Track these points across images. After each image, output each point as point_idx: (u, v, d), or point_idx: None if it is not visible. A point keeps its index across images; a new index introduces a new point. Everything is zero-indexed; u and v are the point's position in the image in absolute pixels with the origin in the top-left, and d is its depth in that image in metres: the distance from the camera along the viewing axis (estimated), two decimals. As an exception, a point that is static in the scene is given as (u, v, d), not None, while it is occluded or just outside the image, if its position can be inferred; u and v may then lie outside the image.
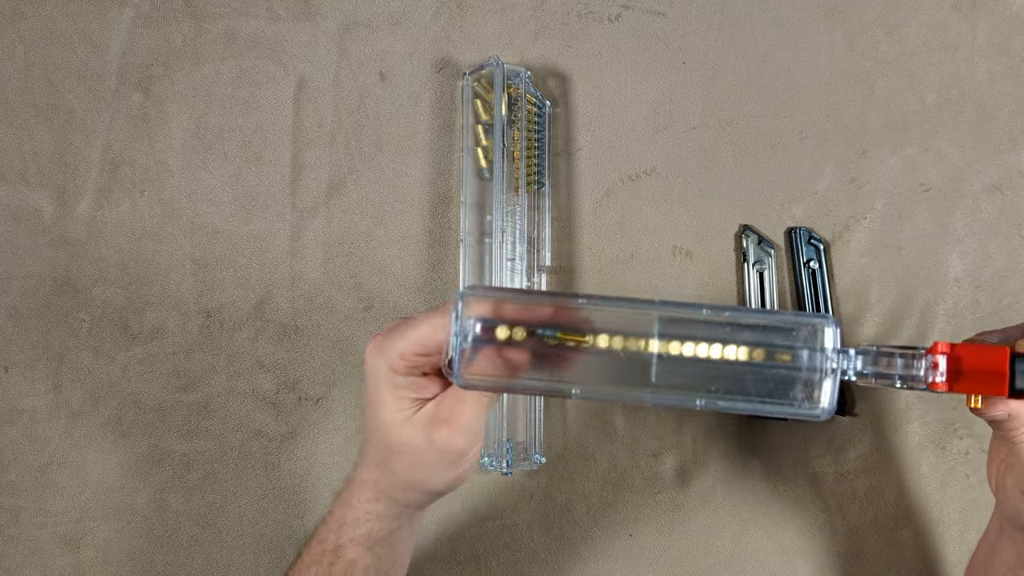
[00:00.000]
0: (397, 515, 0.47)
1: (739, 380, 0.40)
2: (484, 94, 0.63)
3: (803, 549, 0.64)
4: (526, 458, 0.62)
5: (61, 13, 0.64)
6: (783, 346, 0.40)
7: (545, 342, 0.40)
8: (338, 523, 0.48)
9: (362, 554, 0.47)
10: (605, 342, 0.40)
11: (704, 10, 0.67)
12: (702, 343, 0.40)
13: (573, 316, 0.40)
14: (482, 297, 0.41)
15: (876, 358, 0.41)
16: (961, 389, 0.40)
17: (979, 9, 0.68)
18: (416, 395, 0.44)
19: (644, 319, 0.40)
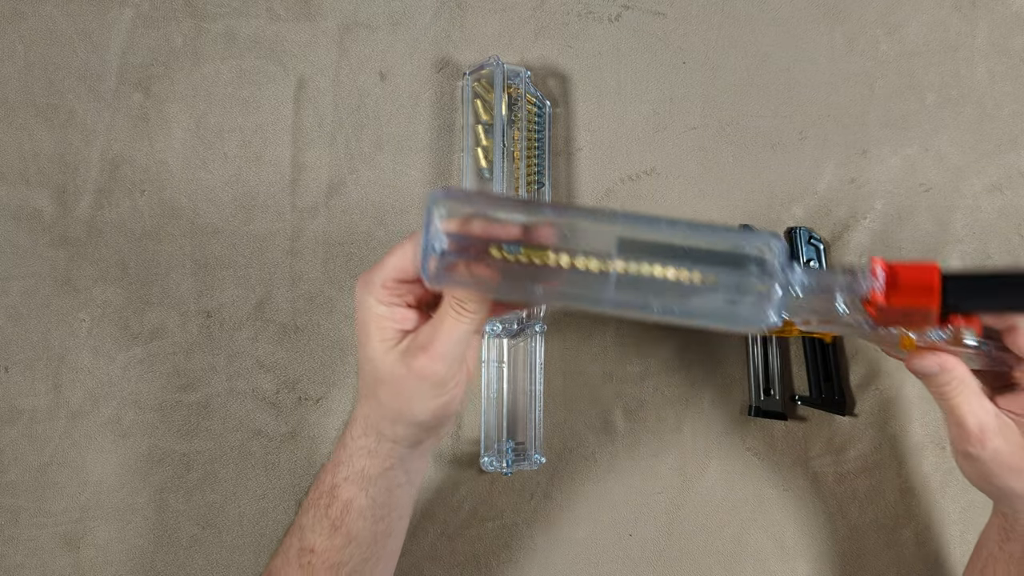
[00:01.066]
0: (388, 452, 0.48)
1: (692, 292, 0.42)
2: (484, 94, 0.63)
3: (803, 549, 0.64)
4: (526, 458, 0.62)
5: (61, 13, 0.64)
6: (734, 261, 0.42)
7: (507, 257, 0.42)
8: (334, 463, 0.49)
9: (356, 494, 0.48)
10: (567, 261, 0.42)
11: (704, 10, 0.67)
12: (659, 259, 0.42)
13: (539, 234, 0.42)
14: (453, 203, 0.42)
15: (820, 274, 0.43)
16: (896, 301, 0.42)
17: (979, 9, 0.68)
18: (398, 326, 0.46)
19: (606, 235, 0.42)
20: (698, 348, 0.65)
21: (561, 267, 0.42)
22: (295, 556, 0.49)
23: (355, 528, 0.48)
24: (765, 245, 0.42)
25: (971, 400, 0.47)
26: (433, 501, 0.63)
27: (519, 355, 0.63)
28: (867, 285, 0.42)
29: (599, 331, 0.65)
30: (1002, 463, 0.48)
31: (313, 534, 0.48)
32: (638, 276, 0.42)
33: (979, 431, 0.47)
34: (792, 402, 0.65)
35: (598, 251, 0.42)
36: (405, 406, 0.46)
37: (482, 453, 0.61)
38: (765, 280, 0.42)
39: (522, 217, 0.42)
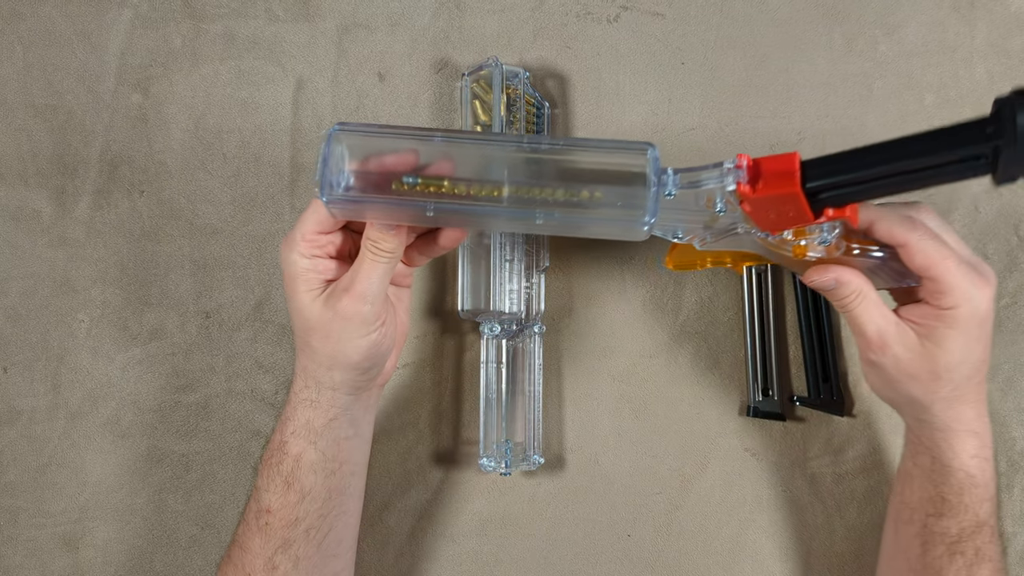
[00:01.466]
0: (329, 401, 0.51)
1: (575, 202, 0.45)
2: (483, 95, 0.63)
3: (801, 550, 0.64)
4: (525, 458, 0.62)
5: (60, 14, 0.64)
6: (614, 171, 0.45)
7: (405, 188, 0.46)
8: (282, 421, 0.51)
9: (305, 448, 0.50)
10: (463, 190, 0.46)
11: (703, 11, 0.67)
12: (546, 180, 0.45)
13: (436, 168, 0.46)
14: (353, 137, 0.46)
15: (690, 172, 0.45)
16: (762, 191, 0.44)
17: (978, 10, 0.68)
18: (322, 276, 0.49)
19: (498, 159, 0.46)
20: (697, 349, 0.65)
21: (456, 194, 0.45)
22: (254, 519, 0.51)
23: (307, 483, 0.50)
24: (639, 149, 0.45)
25: (870, 310, 0.49)
26: (432, 502, 0.63)
27: (518, 356, 0.63)
28: (733, 177, 0.44)
29: (598, 331, 0.65)
30: (902, 370, 0.50)
31: (268, 494, 0.50)
32: (529, 198, 0.45)
33: (879, 339, 0.50)
34: (790, 403, 0.65)
35: (491, 179, 0.46)
36: (336, 348, 0.49)
37: (481, 454, 0.61)
38: (641, 180, 0.45)
39: (420, 142, 0.46)
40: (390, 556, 0.63)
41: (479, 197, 0.46)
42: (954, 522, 0.52)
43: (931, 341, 0.49)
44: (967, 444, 0.51)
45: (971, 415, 0.51)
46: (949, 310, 0.48)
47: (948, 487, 0.52)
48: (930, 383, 0.50)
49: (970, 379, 0.50)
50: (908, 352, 0.50)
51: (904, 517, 0.55)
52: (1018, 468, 0.65)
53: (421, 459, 0.64)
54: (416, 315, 0.64)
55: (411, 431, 0.64)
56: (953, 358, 0.49)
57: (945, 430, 0.52)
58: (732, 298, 0.65)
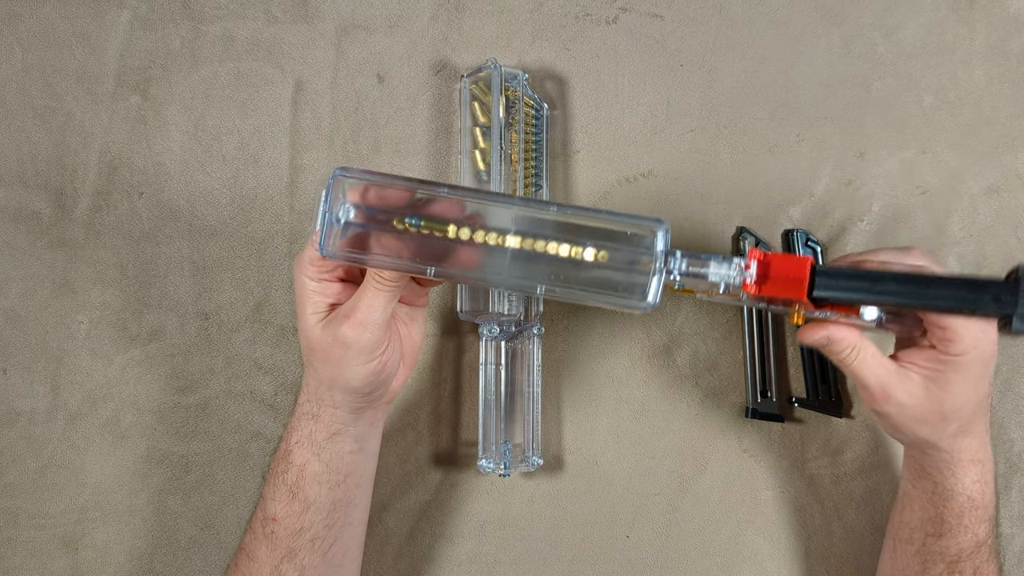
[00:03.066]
0: (331, 417, 0.51)
1: (578, 271, 0.45)
2: (482, 96, 0.63)
3: (800, 551, 0.64)
4: (523, 460, 0.62)
5: (59, 15, 0.64)
6: (620, 245, 0.44)
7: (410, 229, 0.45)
8: (288, 430, 0.52)
9: (309, 458, 0.51)
10: (467, 235, 0.45)
11: (702, 12, 0.67)
12: (551, 241, 0.45)
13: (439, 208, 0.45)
14: (354, 181, 0.45)
15: (698, 260, 0.45)
16: (768, 291, 0.44)
17: (977, 11, 0.68)
18: (329, 299, 0.49)
19: (503, 215, 0.45)
20: (696, 350, 0.65)
21: (460, 239, 0.45)
22: (260, 527, 0.51)
23: (312, 493, 0.50)
24: (649, 229, 0.44)
25: (868, 363, 0.49)
26: (431, 503, 0.64)
27: (517, 357, 0.63)
28: (739, 277, 0.44)
29: (596, 333, 0.65)
30: (908, 415, 0.50)
31: (274, 502, 0.50)
32: (532, 251, 0.45)
33: (881, 391, 0.49)
34: (789, 404, 0.65)
35: (496, 227, 0.45)
36: (336, 372, 0.49)
37: (480, 455, 0.61)
38: (646, 262, 0.44)
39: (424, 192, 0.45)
40: (389, 557, 0.63)
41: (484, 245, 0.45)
42: (953, 542, 0.52)
43: (936, 385, 0.49)
44: (970, 471, 0.52)
45: (976, 445, 0.51)
46: (957, 356, 0.47)
47: (948, 510, 0.52)
48: (937, 424, 0.50)
49: (976, 413, 0.50)
50: (913, 398, 0.49)
51: (903, 536, 0.55)
52: (1016, 469, 0.65)
53: (420, 460, 0.64)
54: (415, 316, 0.64)
55: (410, 432, 0.64)
56: (959, 400, 0.49)
57: (950, 461, 0.52)
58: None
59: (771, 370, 0.64)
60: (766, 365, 0.64)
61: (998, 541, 0.54)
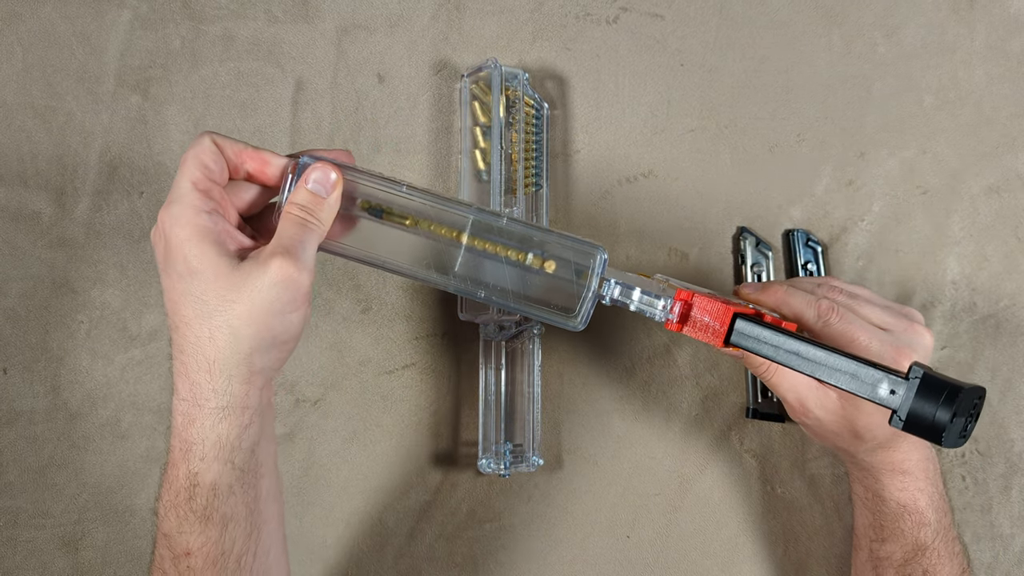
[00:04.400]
0: (242, 402, 0.43)
1: (519, 283, 0.48)
2: (482, 96, 0.63)
3: (800, 551, 0.64)
4: (524, 460, 0.62)
5: (59, 15, 0.64)
6: (560, 264, 0.48)
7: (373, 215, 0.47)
8: (182, 452, 0.43)
9: (220, 470, 0.43)
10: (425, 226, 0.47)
11: (702, 12, 0.67)
12: (498, 247, 0.47)
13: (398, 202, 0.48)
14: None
15: (627, 291, 0.48)
16: (688, 332, 0.47)
17: (977, 11, 0.68)
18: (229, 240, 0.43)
19: (459, 220, 0.48)
20: (696, 350, 0.65)
21: (418, 230, 0.47)
22: (171, 566, 0.44)
23: (228, 508, 0.43)
24: (589, 253, 0.47)
25: (787, 378, 0.51)
26: (431, 503, 0.64)
27: (517, 357, 0.63)
28: (663, 315, 0.48)
29: (596, 333, 0.65)
30: (825, 428, 0.52)
31: (183, 536, 0.43)
32: (483, 251, 0.47)
33: (800, 405, 0.51)
34: (789, 404, 0.65)
35: (453, 224, 0.47)
36: (268, 324, 0.42)
37: (480, 455, 0.61)
38: (580, 284, 0.47)
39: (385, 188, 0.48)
40: (389, 557, 0.63)
41: (438, 237, 0.47)
42: (897, 547, 0.53)
43: (851, 405, 0.50)
44: (894, 480, 0.53)
45: (898, 458, 0.52)
46: None
47: (883, 515, 0.53)
48: (852, 440, 0.51)
49: (896, 434, 0.51)
50: (829, 415, 0.51)
51: (855, 543, 0.57)
52: (1016, 470, 0.65)
53: (420, 460, 0.64)
54: (416, 317, 0.64)
55: (410, 432, 0.64)
56: (872, 420, 0.50)
57: (871, 469, 0.53)
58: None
59: (771, 370, 0.64)
60: (766, 365, 0.64)
61: (956, 545, 0.54)
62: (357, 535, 0.63)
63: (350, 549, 0.63)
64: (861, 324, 0.50)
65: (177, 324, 0.43)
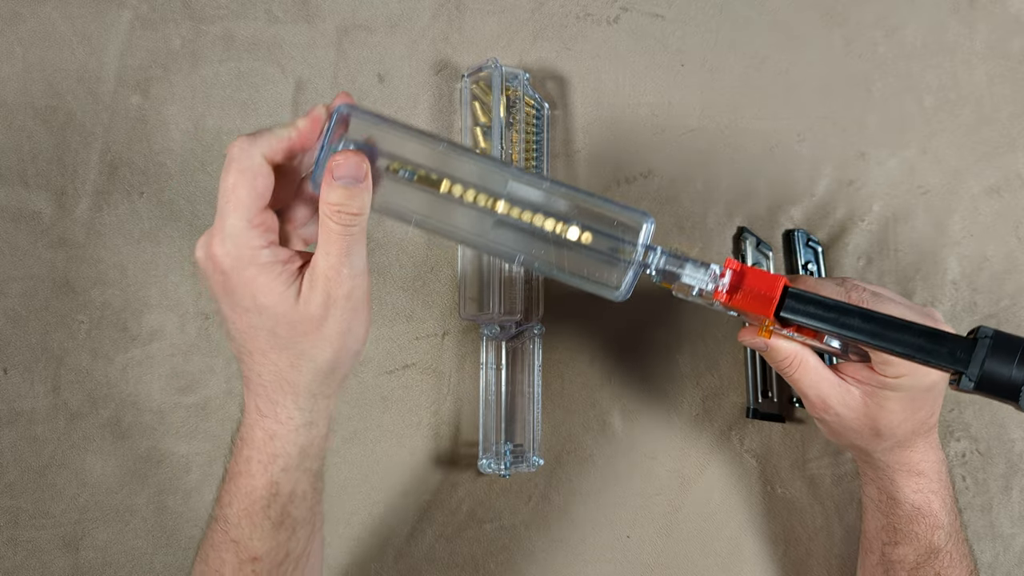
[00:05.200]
0: (324, 413, 0.45)
1: (559, 250, 0.45)
2: (483, 96, 0.63)
3: (801, 552, 0.64)
4: (524, 460, 0.62)
5: (59, 15, 0.64)
6: (605, 232, 0.45)
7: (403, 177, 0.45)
8: (263, 462, 0.44)
9: (299, 478, 0.45)
10: (458, 192, 0.44)
11: (702, 12, 0.67)
12: (539, 214, 0.45)
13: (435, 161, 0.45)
14: (358, 120, 0.44)
15: (676, 260, 0.45)
16: (737, 303, 0.45)
17: (977, 12, 0.68)
18: (289, 266, 0.43)
19: (497, 180, 0.45)
20: (696, 350, 0.65)
21: (452, 195, 0.44)
22: (232, 571, 0.45)
23: (299, 512, 0.45)
24: (636, 221, 0.45)
25: (809, 374, 0.50)
26: (431, 503, 0.64)
27: (517, 357, 0.63)
28: (712, 284, 0.45)
29: (597, 333, 0.65)
30: (844, 426, 0.51)
31: (254, 542, 0.44)
32: (519, 221, 0.45)
33: (820, 401, 0.50)
34: (790, 404, 0.65)
35: (488, 190, 0.44)
36: (341, 344, 0.43)
37: (480, 455, 0.61)
38: (627, 252, 0.45)
39: (423, 144, 0.45)
40: (390, 557, 0.63)
41: (472, 206, 0.44)
42: (910, 549, 0.53)
43: (874, 402, 0.50)
44: (909, 482, 0.53)
45: (915, 458, 0.52)
46: (893, 379, 0.48)
47: (897, 517, 0.53)
48: (871, 438, 0.51)
49: (915, 432, 0.51)
50: (850, 411, 0.50)
51: (865, 546, 0.57)
52: (1016, 470, 0.65)
53: (420, 460, 0.64)
54: (416, 317, 0.64)
55: (410, 432, 0.64)
56: (895, 418, 0.50)
57: (887, 469, 0.53)
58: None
59: (772, 370, 0.64)
60: (767, 365, 0.64)
61: (965, 548, 0.54)
62: (357, 535, 0.63)
63: (350, 549, 0.63)
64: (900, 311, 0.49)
65: (251, 351, 0.44)
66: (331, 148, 0.44)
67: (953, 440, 0.65)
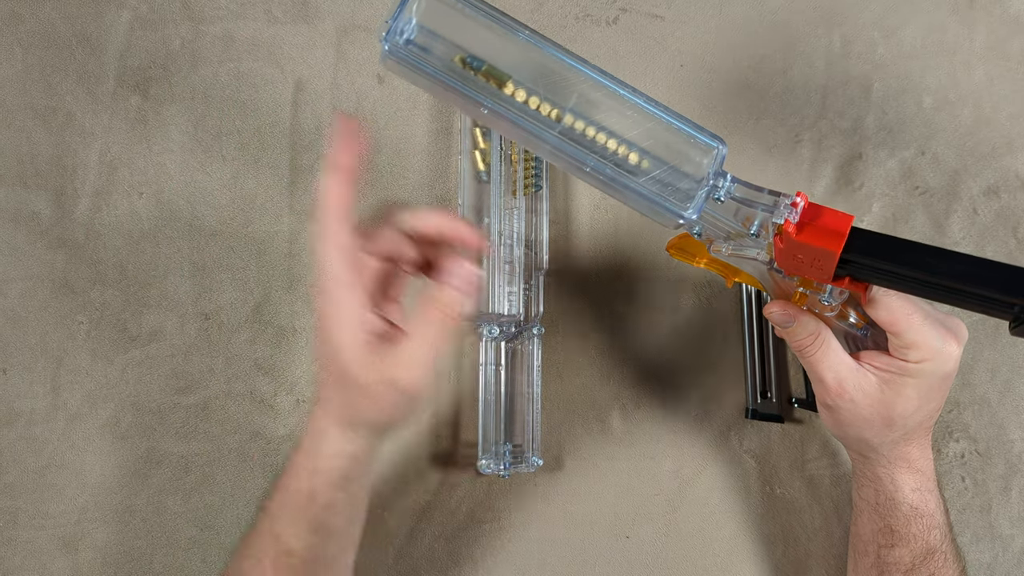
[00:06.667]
0: (368, 452, 0.48)
1: (625, 169, 0.44)
2: (482, 97, 0.63)
3: (800, 552, 0.64)
4: (523, 460, 0.62)
5: (59, 16, 0.64)
6: (676, 148, 0.44)
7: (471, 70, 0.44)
8: (308, 471, 0.48)
9: (336, 495, 0.48)
10: (522, 97, 0.44)
11: (702, 13, 0.67)
12: (606, 128, 0.44)
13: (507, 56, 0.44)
14: None
15: (747, 188, 0.44)
16: (804, 237, 0.42)
17: (977, 12, 0.68)
18: (370, 328, 0.45)
19: (567, 86, 0.44)
20: (696, 350, 0.65)
21: (514, 98, 0.43)
22: (270, 560, 0.48)
23: (334, 523, 0.48)
24: (708, 143, 0.44)
25: (829, 356, 0.49)
26: (431, 503, 0.64)
27: (517, 358, 0.63)
28: (785, 212, 0.43)
29: (597, 333, 0.65)
30: (857, 414, 0.50)
31: (290, 538, 0.48)
32: (582, 135, 0.43)
33: (837, 385, 0.50)
34: (789, 404, 0.65)
35: (553, 100, 0.43)
36: (389, 415, 0.47)
37: (480, 455, 0.61)
38: (698, 173, 0.44)
39: (499, 32, 0.44)
40: (389, 557, 0.63)
41: (536, 114, 0.43)
42: (906, 551, 0.53)
43: (891, 389, 0.49)
44: (909, 479, 0.52)
45: (916, 455, 0.52)
46: (915, 364, 0.48)
47: (895, 519, 0.53)
48: (882, 428, 0.51)
49: (922, 424, 0.51)
50: (866, 398, 0.50)
51: (859, 549, 0.56)
52: (1016, 470, 0.65)
53: (420, 461, 0.64)
54: (415, 317, 0.64)
55: (410, 433, 0.64)
56: (910, 406, 0.49)
57: (888, 467, 0.53)
58: (731, 299, 0.65)
59: (771, 370, 0.64)
60: (766, 365, 0.64)
61: (955, 547, 0.54)
62: (357, 535, 0.63)
63: (350, 549, 0.63)
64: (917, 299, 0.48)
65: (326, 384, 0.47)
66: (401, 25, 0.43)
67: (952, 441, 0.65)
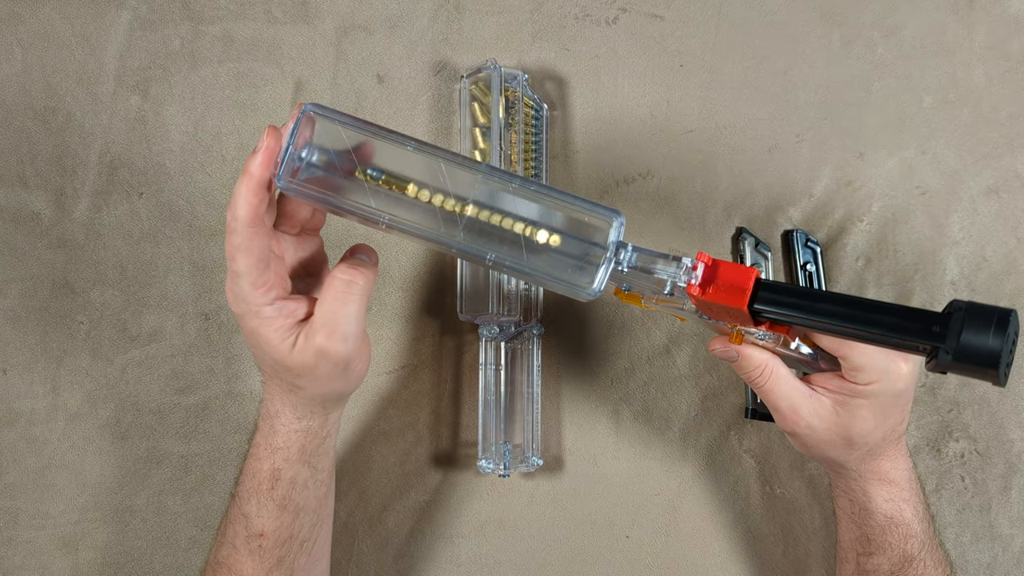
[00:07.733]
0: (321, 423, 0.50)
1: (530, 250, 0.45)
2: (482, 97, 0.63)
3: (800, 552, 0.64)
4: (523, 460, 0.62)
5: (59, 16, 0.64)
6: (575, 230, 0.45)
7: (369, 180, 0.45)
8: (268, 450, 0.50)
9: (300, 470, 0.50)
10: (426, 196, 0.45)
11: (701, 13, 0.67)
12: (507, 217, 0.45)
13: (403, 165, 0.45)
14: (326, 118, 0.45)
15: (648, 255, 0.45)
16: (711, 296, 0.44)
17: (976, 12, 0.68)
18: (290, 319, 0.46)
19: (466, 180, 0.45)
20: (695, 351, 0.65)
21: (418, 200, 0.45)
22: (243, 544, 0.50)
23: (302, 499, 0.50)
24: (606, 219, 0.44)
25: (780, 385, 0.50)
26: (431, 503, 0.64)
27: (516, 358, 0.63)
28: (685, 277, 0.44)
29: (596, 333, 0.65)
30: (816, 437, 0.51)
31: (260, 519, 0.49)
32: (488, 223, 0.45)
33: (792, 413, 0.50)
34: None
35: (456, 194, 0.45)
36: (328, 388, 0.48)
37: (480, 456, 0.61)
38: (597, 250, 0.44)
39: (392, 144, 0.45)
40: (389, 557, 0.63)
41: (440, 209, 0.44)
42: (884, 559, 0.53)
43: (846, 411, 0.50)
44: (880, 491, 0.53)
45: (887, 467, 0.52)
46: (864, 385, 0.48)
47: (870, 528, 0.53)
48: (844, 448, 0.51)
49: (885, 439, 0.51)
50: (823, 422, 0.50)
51: (841, 556, 0.57)
52: (1016, 470, 0.65)
53: (420, 461, 0.64)
54: (415, 317, 0.64)
55: (410, 433, 0.64)
56: (867, 426, 0.50)
57: (859, 480, 0.53)
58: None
59: (771, 370, 0.64)
60: (766, 365, 0.64)
61: (939, 554, 0.54)
62: (357, 535, 0.63)
63: (350, 549, 0.63)
64: None
65: (263, 370, 0.49)
66: (296, 154, 0.44)
67: (952, 440, 0.65)
